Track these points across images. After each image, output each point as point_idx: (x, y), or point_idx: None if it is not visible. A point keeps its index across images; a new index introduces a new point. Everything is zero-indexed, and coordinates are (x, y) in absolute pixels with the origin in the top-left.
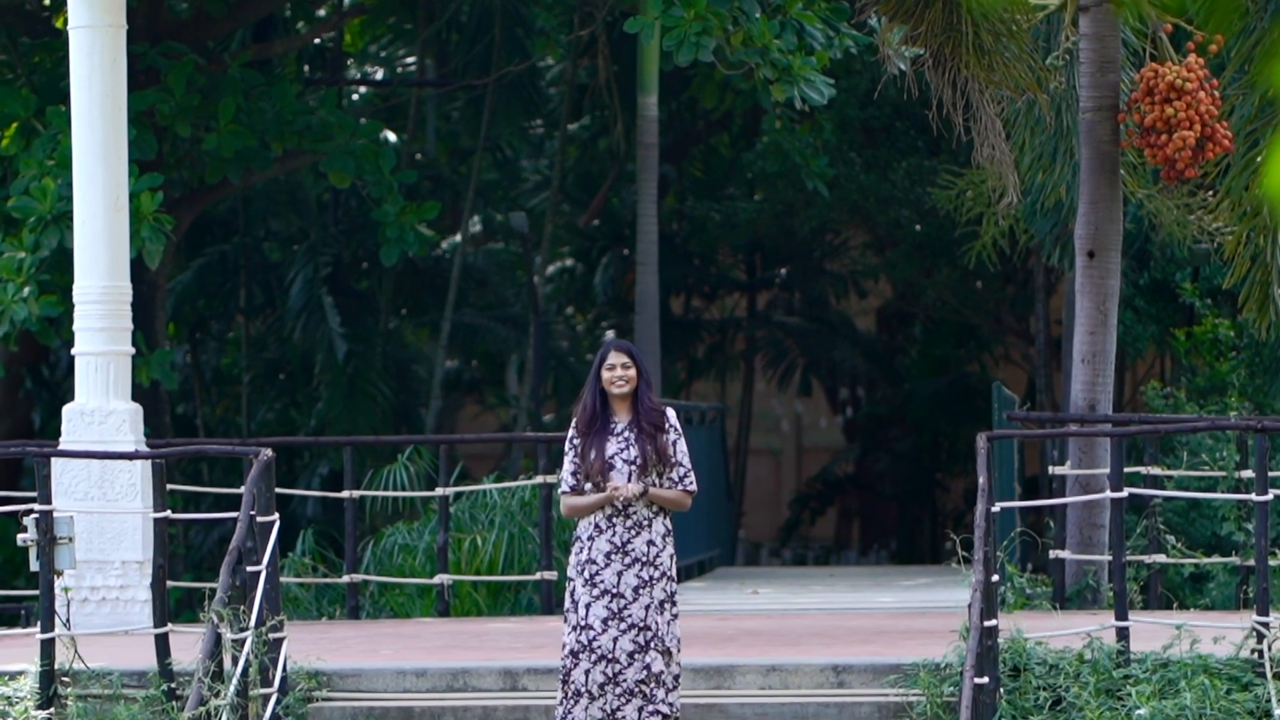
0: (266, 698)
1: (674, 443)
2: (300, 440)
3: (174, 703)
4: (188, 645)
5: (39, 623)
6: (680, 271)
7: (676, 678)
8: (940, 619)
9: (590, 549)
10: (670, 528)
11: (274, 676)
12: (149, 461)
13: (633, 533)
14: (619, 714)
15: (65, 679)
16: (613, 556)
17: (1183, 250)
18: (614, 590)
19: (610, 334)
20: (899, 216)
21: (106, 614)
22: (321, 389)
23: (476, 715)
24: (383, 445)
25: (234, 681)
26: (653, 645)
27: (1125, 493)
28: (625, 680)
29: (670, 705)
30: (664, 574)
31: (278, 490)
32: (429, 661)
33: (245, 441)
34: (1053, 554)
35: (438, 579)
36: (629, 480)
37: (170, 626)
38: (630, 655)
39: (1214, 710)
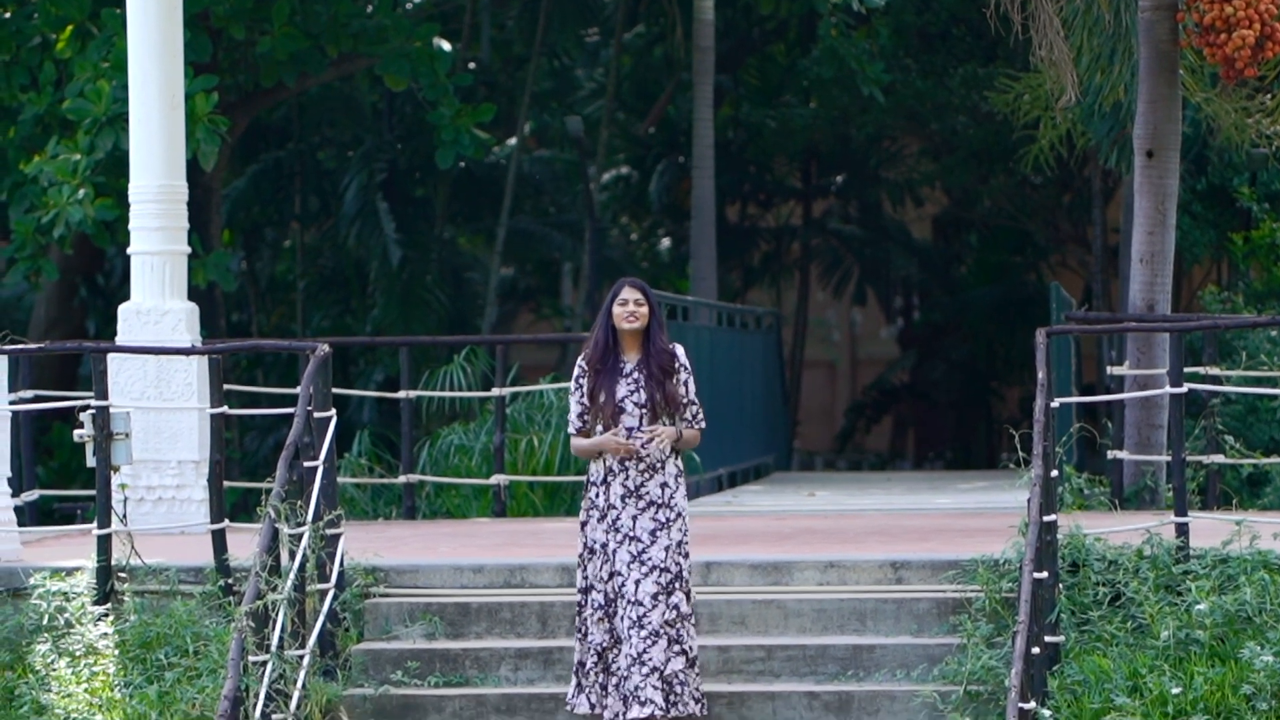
0: (323, 593)
1: (685, 382)
2: (356, 340)
3: (231, 598)
4: (244, 543)
5: (96, 519)
6: (736, 179)
7: (691, 615)
8: (998, 518)
9: (606, 493)
10: (682, 468)
11: (331, 572)
12: (205, 360)
13: (646, 476)
14: (645, 655)
15: (122, 575)
16: (627, 500)
17: (1240, 154)
18: (631, 534)
19: (665, 241)
20: (955, 123)
21: (163, 513)
22: (376, 296)
23: (533, 611)
24: (439, 347)
25: (291, 576)
26: (677, 586)
27: (1185, 389)
28: (650, 623)
29: (694, 643)
30: (679, 514)
31: (334, 391)
32: (486, 558)
33: (302, 339)
34: (1111, 455)
35: (494, 479)
36: (639, 423)
37: (227, 523)
38: (654, 597)
39: (1274, 605)
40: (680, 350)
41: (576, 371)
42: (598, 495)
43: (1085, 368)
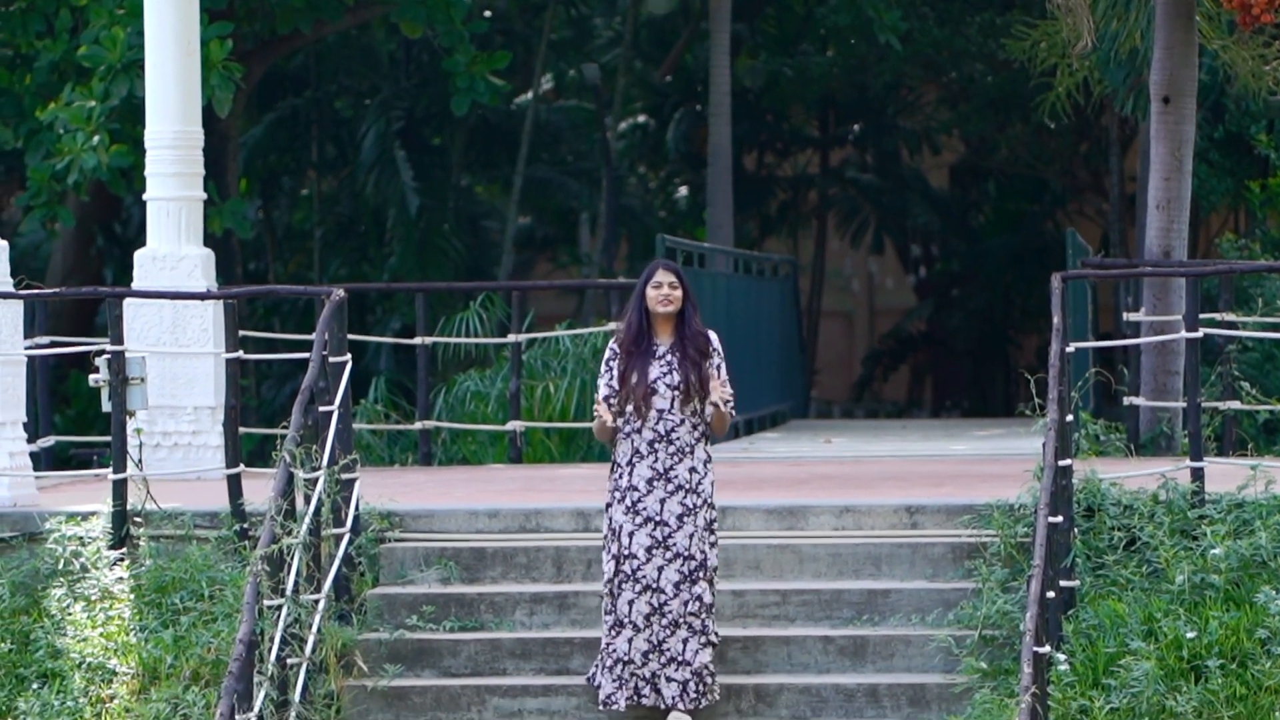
0: (339, 538)
1: (718, 366)
2: (372, 286)
3: (246, 542)
4: (260, 489)
5: (111, 464)
6: (753, 128)
7: (712, 605)
8: (1013, 464)
9: (631, 475)
10: (710, 455)
11: (346, 516)
12: (220, 306)
13: (675, 459)
14: (664, 645)
15: (137, 519)
16: (655, 483)
17: (1258, 102)
18: (657, 518)
19: (682, 190)
20: (972, 71)
21: (178, 459)
22: (394, 244)
23: (549, 556)
24: (455, 294)
25: (306, 521)
26: (701, 575)
27: (1200, 333)
28: (671, 611)
29: (717, 634)
30: (705, 501)
31: (350, 337)
32: (501, 503)
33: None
34: (1126, 401)
35: (510, 426)
36: (671, 405)
37: (242, 468)
38: (676, 585)
39: None
40: (714, 335)
41: (607, 354)
42: (621, 477)
43: (1102, 318)
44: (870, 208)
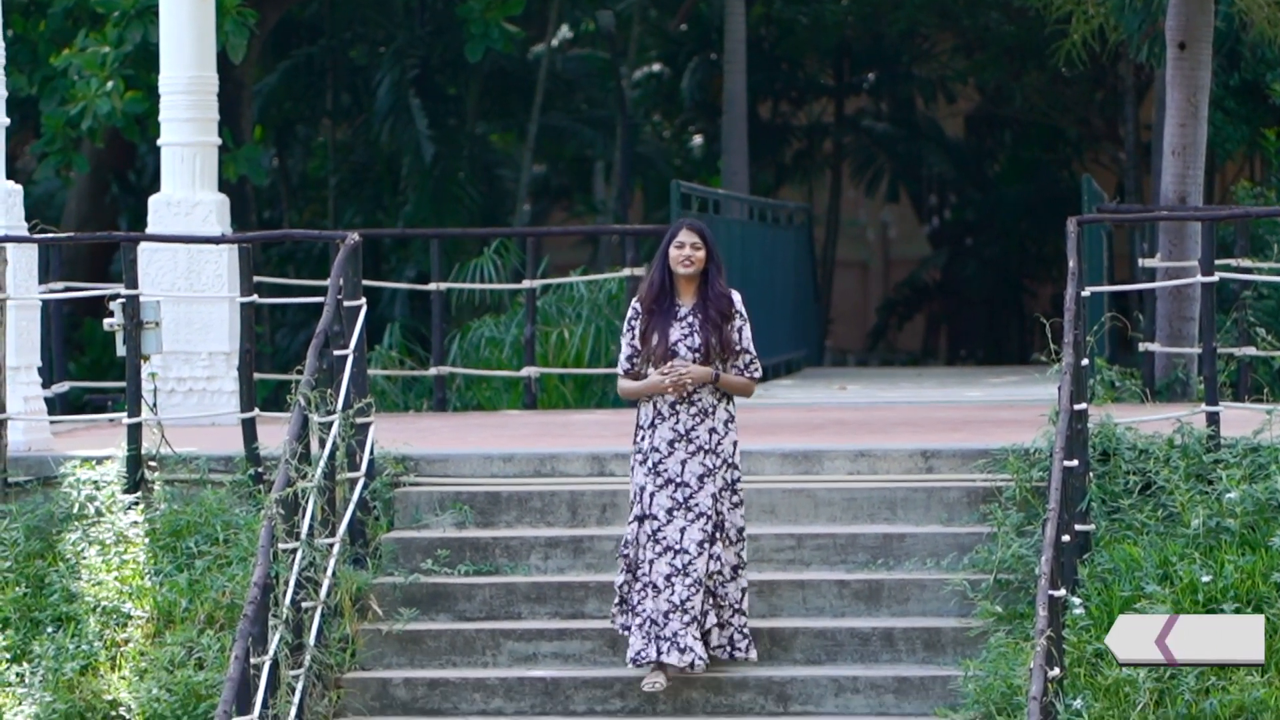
0: (353, 481)
1: (739, 329)
2: (387, 232)
3: (261, 486)
4: (274, 434)
5: (126, 408)
6: (768, 76)
7: (740, 567)
8: (1029, 410)
9: (653, 436)
10: (733, 414)
11: (361, 460)
12: (235, 252)
13: (696, 420)
14: (687, 604)
15: (152, 464)
16: (676, 444)
17: (1273, 50)
18: (678, 479)
19: (697, 139)
20: (987, 18)
21: (193, 405)
22: (408, 193)
23: (563, 500)
24: (470, 240)
25: (321, 464)
26: (719, 536)
27: (1216, 278)
28: (695, 571)
29: (736, 596)
30: (726, 461)
31: (365, 283)
32: (516, 448)
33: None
34: (1142, 347)
35: (524, 372)
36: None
37: (257, 412)
38: (700, 545)
39: None
40: (738, 296)
41: (629, 313)
42: (643, 439)
43: (1117, 267)
44: (885, 157)
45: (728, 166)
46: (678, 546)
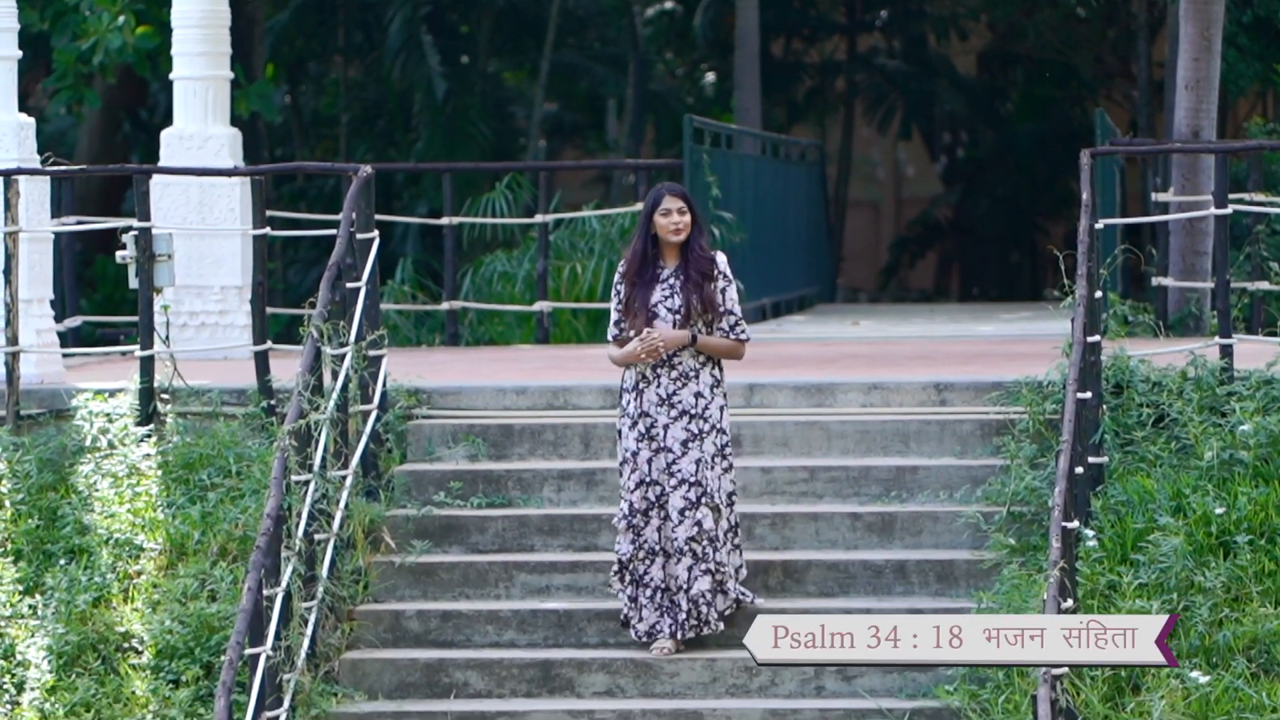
0: (366, 414)
1: (723, 290)
2: (399, 166)
3: (273, 419)
4: (287, 368)
5: (139, 341)
6: (780, 13)
7: (730, 532)
8: (1042, 344)
9: (640, 400)
10: (720, 378)
11: (374, 393)
12: (247, 186)
13: (679, 384)
14: (674, 573)
15: (164, 396)
16: (659, 408)
17: None
18: (662, 443)
19: (709, 76)
20: None
21: (205, 339)
22: (420, 130)
23: (576, 433)
24: (482, 177)
25: (333, 396)
26: (703, 501)
27: (1230, 209)
28: (676, 538)
29: (719, 564)
30: (714, 427)
31: (377, 218)
32: (529, 380)
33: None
34: (1155, 282)
35: (537, 306)
36: (673, 329)
37: (269, 345)
38: (681, 512)
39: None
40: (722, 258)
41: (615, 278)
42: (629, 402)
43: (1131, 206)
44: (897, 94)
45: (740, 104)
46: (664, 512)
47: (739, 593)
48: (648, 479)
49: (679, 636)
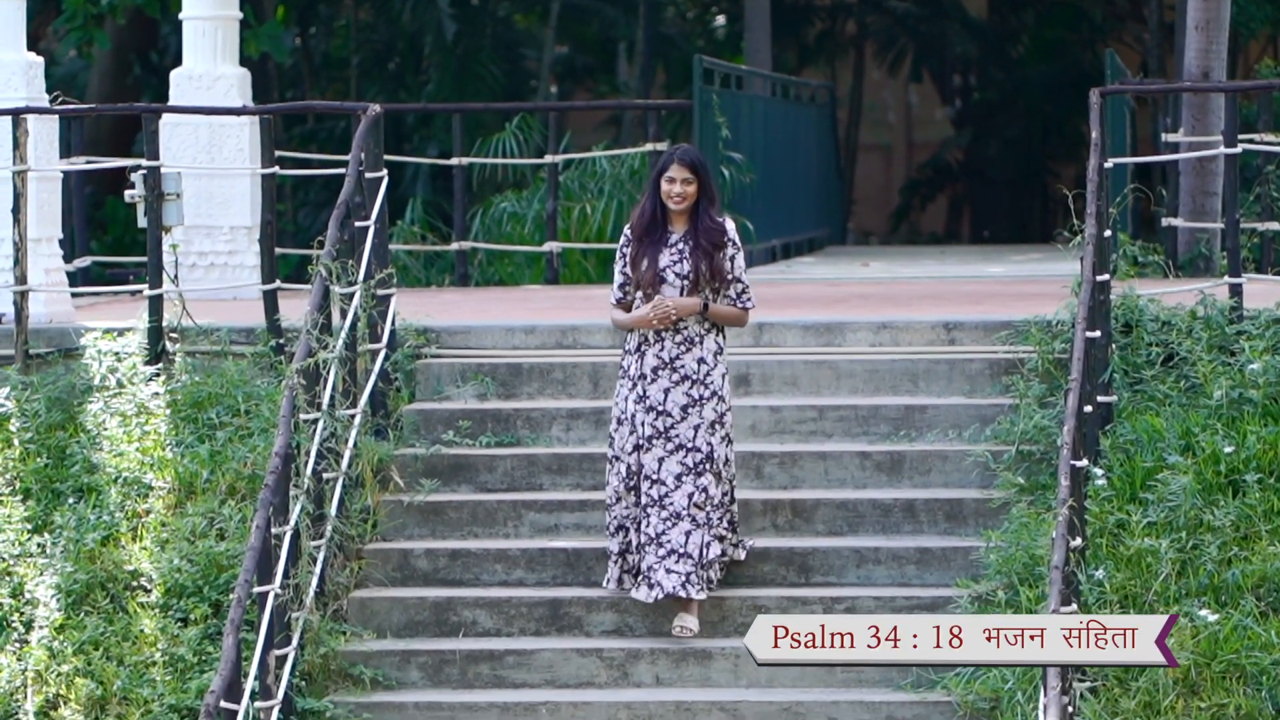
0: (375, 353)
1: (732, 258)
2: (409, 107)
3: (282, 357)
4: (296, 308)
5: (147, 280)
6: None
7: (727, 497)
8: (1052, 284)
9: (640, 363)
10: (722, 345)
11: (382, 331)
12: (257, 126)
13: (682, 348)
14: (663, 537)
15: (173, 335)
16: (660, 372)
17: None
18: (660, 408)
19: (720, 19)
20: None
21: (214, 279)
22: (430, 72)
23: (585, 371)
24: (492, 118)
25: (342, 335)
26: (708, 468)
27: (1239, 149)
28: (672, 504)
29: (725, 532)
30: (715, 393)
31: (387, 158)
32: (538, 319)
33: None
34: (1165, 222)
35: (546, 247)
36: (679, 295)
37: (279, 284)
38: (678, 478)
39: None
40: (731, 226)
41: (621, 240)
42: (630, 365)
43: (1141, 149)
44: (908, 37)
45: (750, 46)
46: (656, 476)
47: (732, 543)
48: (642, 441)
49: (684, 596)
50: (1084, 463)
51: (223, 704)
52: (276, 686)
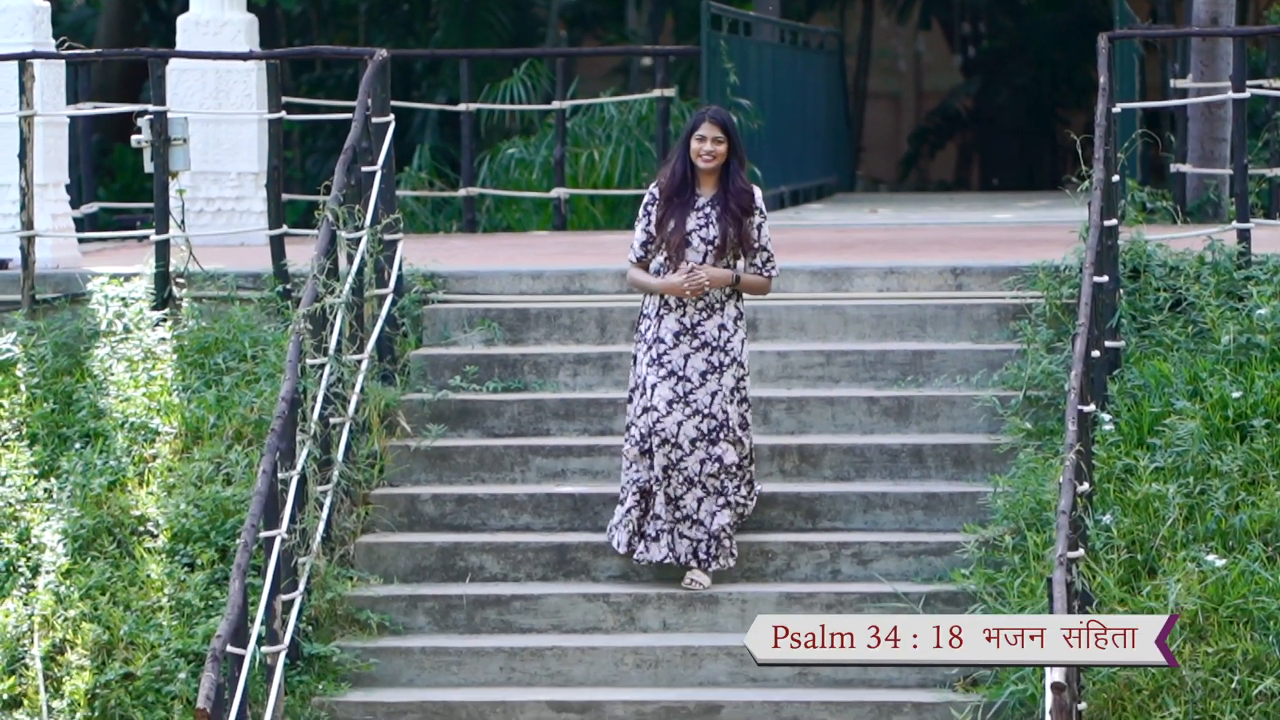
0: (381, 298)
1: (759, 225)
2: (418, 53)
3: (289, 303)
4: (303, 254)
5: (154, 225)
6: None
7: (742, 463)
8: (1060, 230)
9: (659, 327)
10: (742, 311)
11: (389, 277)
12: (264, 71)
13: (704, 315)
14: (680, 502)
15: (180, 281)
16: (681, 337)
17: None
18: (680, 373)
19: None
20: None
21: (222, 225)
22: (439, 19)
23: (592, 317)
24: (500, 65)
25: (349, 280)
26: (723, 436)
27: (1248, 93)
28: (687, 469)
29: (742, 500)
30: (734, 360)
31: (394, 104)
32: (545, 265)
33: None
34: (1174, 168)
35: (554, 193)
36: (704, 259)
37: (285, 229)
38: (693, 443)
39: None
40: (759, 192)
41: (646, 198)
42: (648, 329)
43: (1149, 97)
44: None
45: None
46: (674, 440)
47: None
48: (650, 405)
49: (693, 566)
50: (1091, 408)
51: (229, 649)
52: (283, 631)
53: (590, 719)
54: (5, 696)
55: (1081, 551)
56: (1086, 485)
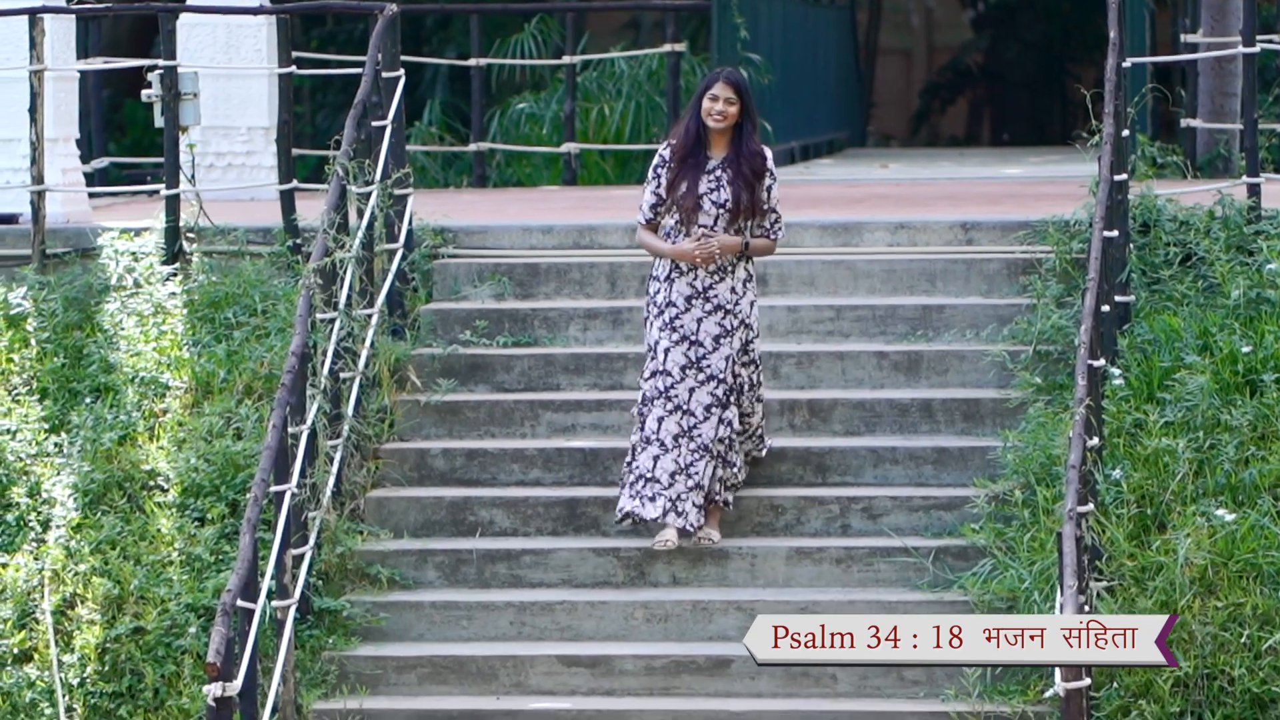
0: (392, 253)
1: (769, 188)
2: (428, 8)
3: (299, 257)
4: (313, 209)
5: (165, 180)
6: None
7: (756, 415)
8: (1070, 185)
9: (670, 290)
10: (752, 274)
11: (399, 231)
12: (274, 27)
13: (715, 278)
14: (691, 469)
15: (190, 235)
16: (693, 301)
17: None
18: (693, 338)
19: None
20: None
21: (232, 179)
22: None
23: (602, 271)
24: (510, 20)
25: (359, 234)
26: (732, 400)
27: (1258, 48)
28: (701, 435)
29: (736, 465)
30: (743, 322)
31: (405, 59)
32: (555, 219)
33: None
34: (1184, 123)
35: (565, 148)
36: (715, 223)
37: (296, 184)
38: (707, 409)
39: None
40: (770, 155)
41: (656, 160)
42: (658, 292)
43: (1160, 52)
44: None
45: None
46: (686, 407)
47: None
48: (662, 369)
49: (702, 524)
50: (1101, 362)
51: (239, 603)
52: (293, 586)
53: (600, 673)
54: (16, 650)
55: (1091, 506)
56: (1096, 440)
